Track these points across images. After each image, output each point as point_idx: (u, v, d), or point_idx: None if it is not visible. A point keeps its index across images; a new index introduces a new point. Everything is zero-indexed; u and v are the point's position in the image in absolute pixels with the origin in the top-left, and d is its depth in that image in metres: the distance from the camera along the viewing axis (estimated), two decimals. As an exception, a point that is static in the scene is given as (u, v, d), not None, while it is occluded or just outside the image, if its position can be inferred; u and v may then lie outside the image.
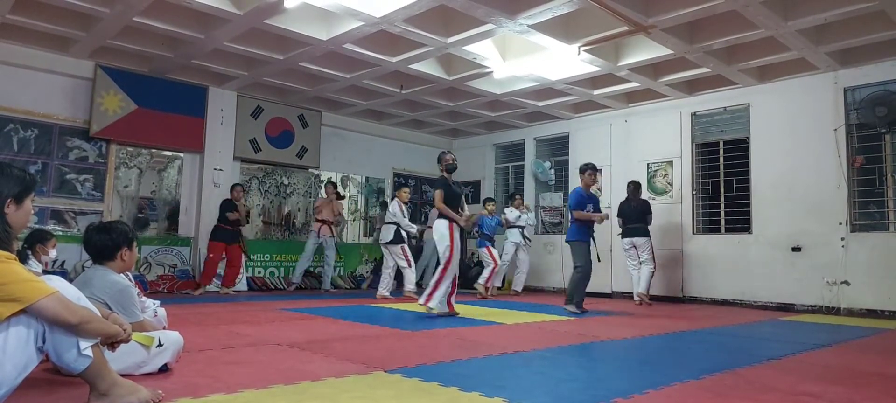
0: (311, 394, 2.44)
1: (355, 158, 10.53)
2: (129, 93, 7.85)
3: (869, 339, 4.82)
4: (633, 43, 6.94)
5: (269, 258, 9.09)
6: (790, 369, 3.34)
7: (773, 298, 7.52)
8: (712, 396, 2.61)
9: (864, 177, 7.09)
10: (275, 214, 10.02)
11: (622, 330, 5.02)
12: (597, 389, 2.70)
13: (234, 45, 6.88)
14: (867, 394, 2.74)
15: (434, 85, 8.32)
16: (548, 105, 9.23)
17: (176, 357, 2.84)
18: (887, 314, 6.67)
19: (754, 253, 7.74)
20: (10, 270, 1.87)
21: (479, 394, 2.48)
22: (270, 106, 9.28)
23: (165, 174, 9.61)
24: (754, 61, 7.05)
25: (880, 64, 6.90)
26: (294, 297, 7.64)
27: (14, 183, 2.02)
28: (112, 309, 2.56)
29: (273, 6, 5.83)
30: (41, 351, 1.96)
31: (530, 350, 3.77)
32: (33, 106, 7.29)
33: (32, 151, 7.29)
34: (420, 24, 6.20)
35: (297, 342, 3.80)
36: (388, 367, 3.02)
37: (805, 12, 5.80)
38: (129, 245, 2.82)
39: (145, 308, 3.42)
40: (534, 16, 5.79)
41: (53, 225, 7.26)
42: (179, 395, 2.33)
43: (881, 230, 6.91)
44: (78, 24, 6.59)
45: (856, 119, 7.10)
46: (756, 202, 7.82)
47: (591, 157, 9.74)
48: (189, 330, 3.99)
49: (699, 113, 8.53)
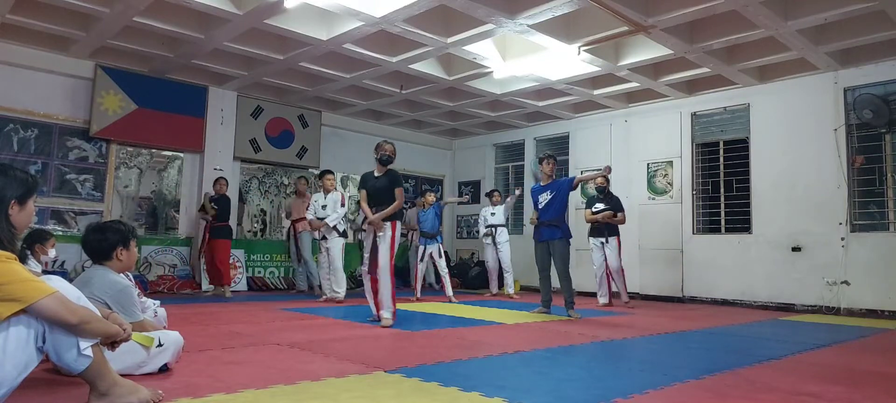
0: (311, 394, 2.44)
1: (355, 158, 10.52)
2: (129, 93, 7.85)
3: (869, 339, 4.82)
4: (633, 43, 6.94)
5: (269, 258, 9.09)
6: (790, 369, 3.34)
7: (773, 298, 7.52)
8: (712, 396, 2.61)
9: (864, 177, 7.09)
10: (275, 214, 10.01)
11: (622, 330, 5.02)
12: (597, 389, 2.70)
13: (234, 45, 6.88)
14: (867, 394, 2.74)
15: (434, 85, 8.32)
16: (548, 105, 9.23)
17: (176, 357, 2.84)
18: (887, 314, 6.67)
19: (754, 253, 7.74)
20: (11, 270, 1.87)
21: (479, 394, 2.48)
22: (270, 106, 9.28)
23: (165, 174, 9.61)
24: (754, 61, 7.05)
25: (880, 64, 6.90)
26: (294, 297, 7.63)
27: (17, 185, 2.04)
28: (112, 308, 2.56)
29: (273, 6, 5.83)
30: (41, 351, 1.96)
31: (530, 350, 3.77)
32: (33, 106, 7.29)
33: (32, 151, 7.29)
34: (420, 24, 6.21)
35: (297, 342, 3.80)
36: (388, 367, 3.02)
37: (805, 12, 5.80)
38: (125, 244, 2.82)
39: (145, 308, 3.42)
40: (534, 16, 5.79)
41: (53, 225, 7.26)
42: (179, 395, 2.33)
43: (881, 230, 6.91)
44: (78, 24, 6.59)
45: (855, 119, 7.10)
46: (756, 202, 7.82)
47: (592, 158, 9.81)
48: (189, 329, 3.99)
49: (699, 113, 8.54)
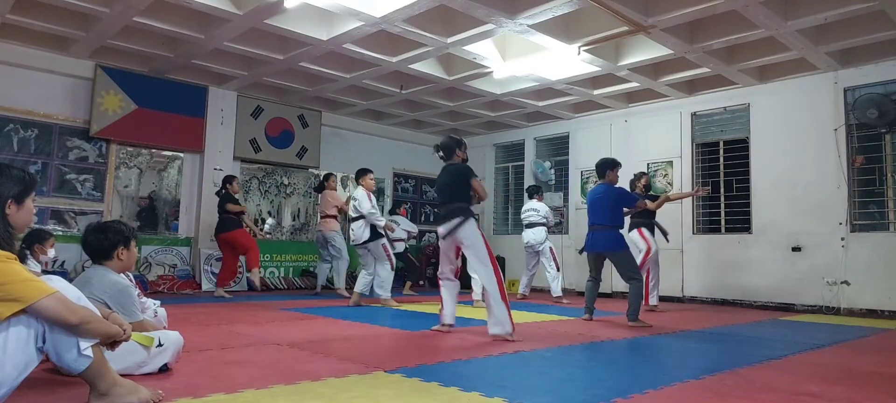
0: (311, 394, 2.44)
1: (355, 158, 10.51)
2: (129, 93, 7.85)
3: (869, 339, 4.82)
4: (633, 43, 6.94)
5: (270, 258, 9.10)
6: (790, 369, 3.34)
7: (773, 298, 7.52)
8: (712, 396, 2.61)
9: (864, 177, 7.09)
10: (275, 214, 10.01)
11: (622, 330, 5.02)
12: (597, 389, 2.70)
13: (234, 45, 6.88)
14: (867, 394, 2.74)
15: (434, 85, 8.32)
16: (548, 105, 9.23)
17: (176, 357, 2.84)
18: (887, 314, 6.67)
19: (754, 253, 7.74)
20: (11, 270, 1.87)
21: (479, 394, 2.48)
22: (270, 106, 9.28)
23: (165, 174, 9.61)
24: (754, 61, 7.05)
25: (880, 64, 6.90)
26: (294, 297, 7.63)
27: (14, 183, 2.03)
28: (112, 308, 2.56)
29: (273, 6, 5.83)
30: (41, 351, 1.96)
31: (530, 350, 3.77)
32: (33, 106, 7.30)
33: (32, 151, 7.29)
34: (420, 24, 6.21)
35: (297, 342, 3.80)
36: (388, 367, 3.02)
37: (805, 12, 5.80)
38: (125, 244, 2.82)
39: (145, 308, 3.41)
40: (534, 16, 5.79)
41: (53, 225, 7.26)
42: (179, 395, 2.33)
43: (881, 230, 6.91)
44: (78, 24, 6.59)
45: (857, 119, 7.10)
46: (756, 202, 7.82)
47: (592, 158, 9.77)
48: (189, 329, 3.99)
49: (699, 113, 8.54)
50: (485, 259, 4.29)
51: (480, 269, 4.29)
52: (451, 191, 4.49)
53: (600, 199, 5.60)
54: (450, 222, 4.41)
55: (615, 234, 5.47)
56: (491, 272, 4.25)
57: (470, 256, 4.39)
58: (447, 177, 4.56)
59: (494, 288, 4.20)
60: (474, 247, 4.32)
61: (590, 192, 5.90)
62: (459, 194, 4.46)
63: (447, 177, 4.57)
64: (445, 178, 4.58)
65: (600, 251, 5.55)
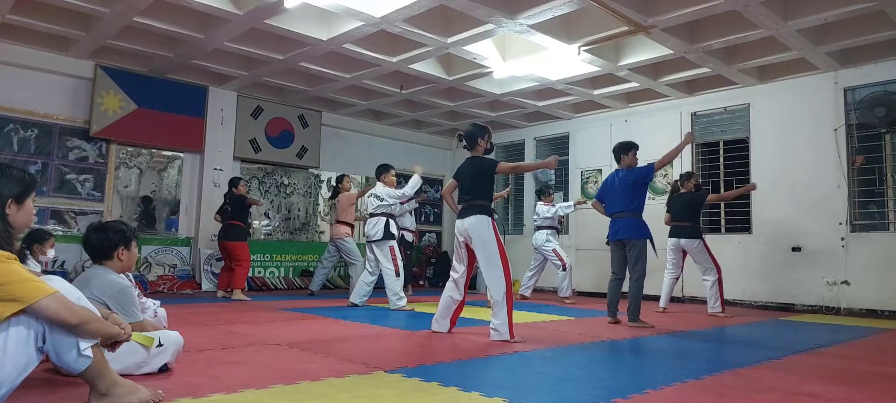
0: (311, 394, 2.44)
1: (355, 158, 10.52)
2: (129, 93, 7.85)
3: (869, 339, 4.81)
4: (633, 43, 6.94)
5: (270, 258, 9.09)
6: (790, 369, 3.34)
7: (773, 298, 7.52)
8: (712, 396, 2.61)
9: (864, 177, 7.09)
10: (275, 214, 10.01)
11: (622, 330, 5.01)
12: (597, 389, 2.70)
13: (234, 45, 6.88)
14: (867, 394, 2.74)
15: (434, 85, 8.32)
16: (548, 105, 9.23)
17: (176, 357, 2.84)
18: (887, 314, 6.67)
19: (754, 253, 7.74)
20: (11, 270, 1.87)
21: (479, 394, 2.48)
22: (270, 106, 9.28)
23: (165, 174, 9.61)
24: (754, 61, 7.05)
25: (880, 64, 6.90)
26: (294, 297, 7.63)
27: (14, 183, 2.02)
28: (112, 309, 2.56)
29: (273, 6, 5.83)
30: (41, 352, 1.96)
31: (530, 350, 3.77)
32: (33, 106, 7.29)
33: (32, 151, 7.29)
34: (420, 24, 6.20)
35: (297, 342, 3.80)
36: (388, 367, 3.02)
37: (805, 12, 5.80)
38: (126, 244, 2.82)
39: (145, 308, 3.41)
40: (534, 16, 5.79)
41: (53, 225, 7.26)
42: (179, 395, 2.33)
43: (881, 230, 6.91)
44: (78, 24, 6.59)
45: (856, 119, 7.10)
46: (756, 202, 7.81)
47: (592, 158, 9.81)
48: (189, 330, 3.99)
49: (699, 113, 8.53)
50: (495, 261, 4.13)
51: (487, 271, 4.16)
52: (471, 186, 4.30)
53: (613, 186, 5.41)
54: (463, 220, 4.29)
55: (634, 221, 5.20)
56: (499, 276, 4.11)
57: (479, 255, 4.23)
58: (470, 170, 4.37)
59: (500, 294, 4.08)
60: (485, 247, 4.16)
61: (604, 181, 5.76)
62: (480, 190, 4.28)
63: (470, 169, 4.37)
64: (467, 170, 4.38)
65: (621, 238, 5.29)
